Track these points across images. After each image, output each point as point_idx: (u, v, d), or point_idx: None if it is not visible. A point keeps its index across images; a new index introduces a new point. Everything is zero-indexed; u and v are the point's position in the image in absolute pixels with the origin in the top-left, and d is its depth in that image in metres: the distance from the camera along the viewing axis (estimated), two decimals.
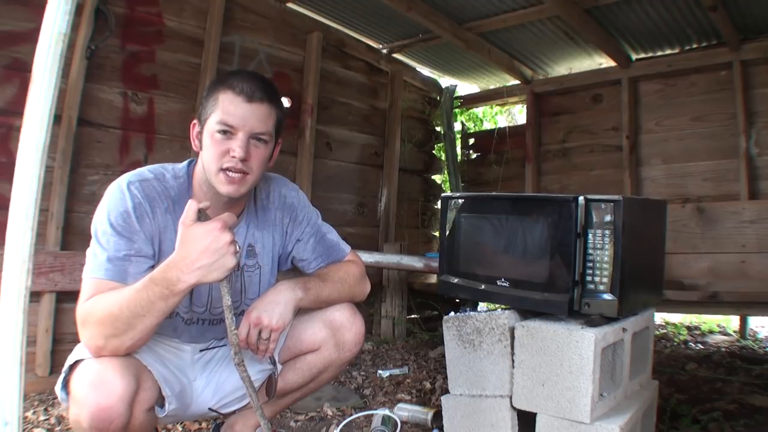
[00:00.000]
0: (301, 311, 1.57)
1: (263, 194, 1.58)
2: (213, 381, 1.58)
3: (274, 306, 1.40)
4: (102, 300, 1.23)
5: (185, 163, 1.50)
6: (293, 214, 1.62)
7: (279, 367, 1.59)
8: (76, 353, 1.30)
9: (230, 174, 1.35)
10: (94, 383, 1.19)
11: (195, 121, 1.44)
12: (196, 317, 1.52)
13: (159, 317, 1.22)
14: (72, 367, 1.26)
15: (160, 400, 1.37)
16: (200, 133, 1.41)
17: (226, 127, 1.34)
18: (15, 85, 2.50)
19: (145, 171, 1.42)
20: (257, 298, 1.46)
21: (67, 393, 1.26)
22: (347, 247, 1.71)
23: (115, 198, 1.34)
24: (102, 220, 1.32)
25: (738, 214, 3.44)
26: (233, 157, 1.34)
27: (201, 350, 1.58)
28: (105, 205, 1.34)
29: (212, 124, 1.36)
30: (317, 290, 1.52)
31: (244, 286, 1.56)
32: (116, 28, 2.82)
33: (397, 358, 3.30)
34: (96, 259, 1.30)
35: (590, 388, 1.46)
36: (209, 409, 1.58)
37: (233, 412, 1.68)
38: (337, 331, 1.58)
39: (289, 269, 1.69)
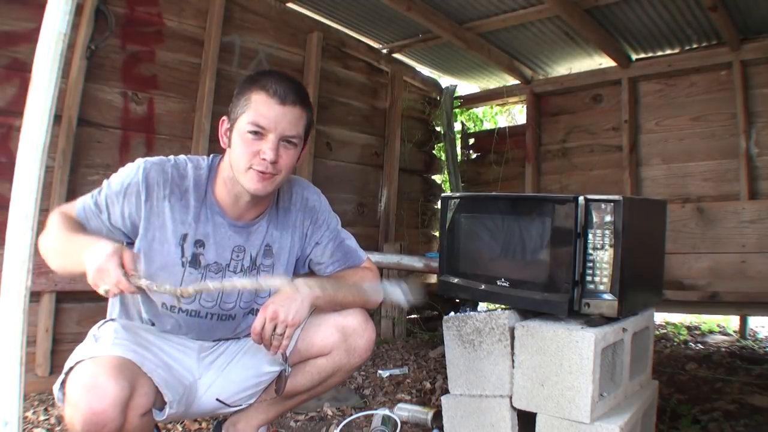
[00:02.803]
0: (313, 315, 1.56)
1: (286, 196, 1.59)
2: (219, 379, 1.57)
3: (291, 302, 1.39)
4: (58, 221, 1.37)
5: (210, 156, 1.53)
6: (314, 217, 1.62)
7: (289, 367, 1.59)
8: (76, 355, 1.30)
9: (260, 173, 1.38)
10: (87, 387, 1.20)
11: (224, 118, 1.46)
12: (205, 311, 1.51)
13: (75, 268, 1.27)
14: (71, 368, 1.27)
15: (160, 404, 1.36)
16: (229, 130, 1.43)
17: (257, 128, 1.36)
18: (15, 85, 2.50)
19: (170, 158, 1.49)
20: (274, 294, 1.45)
21: (64, 394, 1.26)
22: (364, 255, 1.71)
23: (128, 168, 1.45)
24: (113, 176, 1.45)
25: (738, 214, 3.44)
26: (263, 159, 1.36)
27: (208, 348, 1.58)
28: (122, 169, 1.46)
29: (243, 123, 1.37)
30: (333, 291, 1.52)
31: None
32: (116, 28, 2.81)
33: (397, 358, 3.30)
34: (89, 196, 1.44)
35: (590, 388, 1.46)
36: (217, 400, 1.57)
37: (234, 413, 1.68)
38: (349, 336, 1.57)
39: (306, 273, 1.69)
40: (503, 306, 1.84)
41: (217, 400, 1.57)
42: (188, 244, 1.45)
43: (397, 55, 4.31)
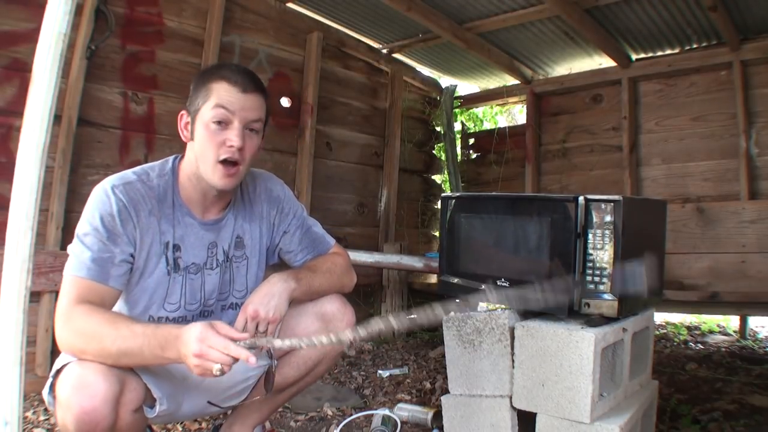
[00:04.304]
0: (292, 305, 1.57)
1: (250, 188, 1.60)
2: (206, 380, 1.57)
3: (270, 298, 1.42)
4: (95, 321, 1.24)
5: (170, 158, 1.50)
6: (279, 206, 1.64)
7: (275, 361, 1.60)
8: (62, 358, 1.30)
9: (228, 167, 1.38)
10: (77, 386, 1.20)
11: (183, 112, 1.44)
12: (191, 315, 1.51)
13: (145, 364, 1.27)
14: (58, 371, 1.27)
15: (150, 401, 1.37)
16: (189, 123, 1.42)
17: (222, 114, 1.36)
18: (15, 85, 2.50)
19: (129, 173, 1.43)
20: (251, 293, 1.47)
21: (54, 398, 1.26)
22: (332, 240, 1.74)
23: (100, 201, 1.35)
24: (87, 220, 1.34)
25: (738, 214, 3.44)
26: (230, 146, 1.37)
27: None
28: (90, 207, 1.35)
29: (207, 111, 1.37)
30: (308, 280, 1.54)
31: (231, 277, 1.57)
32: (116, 28, 2.81)
33: (397, 358, 3.30)
34: (79, 258, 1.31)
35: (590, 388, 1.46)
36: (208, 402, 1.57)
37: (230, 411, 1.68)
38: (329, 323, 1.59)
39: (277, 263, 1.70)
40: (503, 306, 1.84)
41: (209, 402, 1.57)
42: (170, 251, 1.45)
43: (397, 55, 4.31)
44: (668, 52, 3.80)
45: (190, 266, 1.48)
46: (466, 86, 4.98)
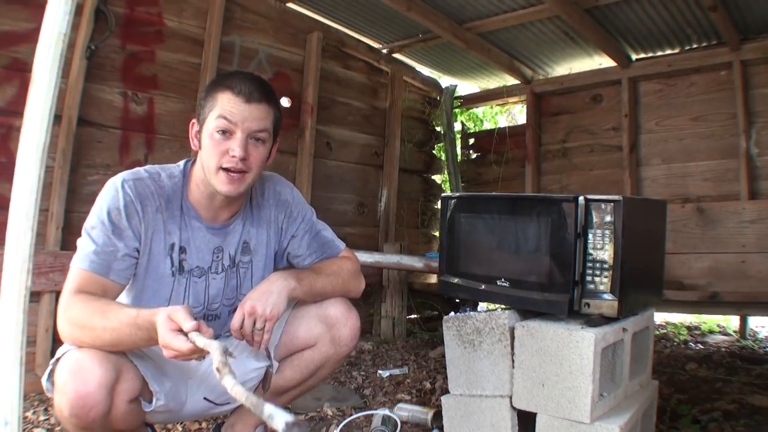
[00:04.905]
0: (296, 307, 1.57)
1: (258, 192, 1.60)
2: (207, 379, 1.57)
3: (268, 296, 1.41)
4: (87, 311, 1.25)
5: (182, 162, 1.52)
6: (288, 210, 1.63)
7: (275, 363, 1.60)
8: (64, 347, 1.33)
9: (230, 174, 1.38)
10: (73, 371, 1.22)
11: (194, 121, 1.47)
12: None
13: (137, 348, 1.30)
14: (58, 359, 1.30)
15: (148, 395, 1.37)
16: (199, 132, 1.44)
17: (224, 124, 1.37)
18: (15, 85, 2.50)
19: (141, 170, 1.46)
20: (251, 290, 1.47)
21: (52, 384, 1.28)
22: (342, 244, 1.72)
23: (109, 195, 1.38)
24: (95, 214, 1.37)
25: (738, 214, 3.44)
26: (233, 156, 1.37)
27: None
28: (99, 201, 1.38)
29: (211, 122, 1.38)
30: (310, 281, 1.53)
31: (239, 282, 1.57)
32: (116, 28, 2.81)
33: (397, 358, 3.30)
34: (84, 250, 1.34)
35: (590, 388, 1.46)
36: (204, 398, 1.57)
37: (230, 411, 1.68)
38: (332, 326, 1.58)
39: (286, 267, 1.70)
40: (503, 306, 1.84)
41: (205, 399, 1.57)
42: (175, 253, 1.46)
43: (397, 55, 4.31)
44: (668, 52, 3.80)
45: (194, 269, 1.49)
46: (466, 86, 4.98)
